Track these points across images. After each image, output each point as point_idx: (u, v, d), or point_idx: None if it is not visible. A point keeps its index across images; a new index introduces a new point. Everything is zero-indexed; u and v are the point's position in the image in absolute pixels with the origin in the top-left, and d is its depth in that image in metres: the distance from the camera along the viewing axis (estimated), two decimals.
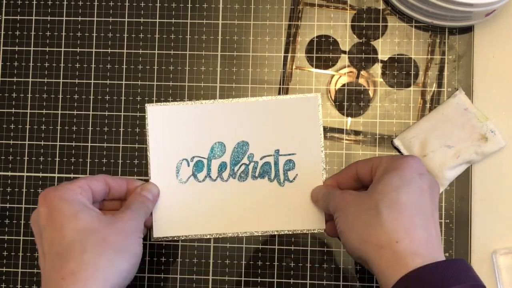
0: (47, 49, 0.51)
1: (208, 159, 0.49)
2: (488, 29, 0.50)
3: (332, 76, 0.50)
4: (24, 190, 0.51)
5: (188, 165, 0.49)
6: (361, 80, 0.50)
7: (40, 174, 0.51)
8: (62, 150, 0.51)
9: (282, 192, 0.49)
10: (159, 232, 0.49)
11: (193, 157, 0.49)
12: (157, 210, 0.49)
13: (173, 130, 0.50)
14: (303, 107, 0.49)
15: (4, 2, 0.52)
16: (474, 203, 0.49)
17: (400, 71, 0.50)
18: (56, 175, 0.50)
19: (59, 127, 0.51)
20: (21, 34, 0.52)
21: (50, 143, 0.51)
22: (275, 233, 0.49)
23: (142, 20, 0.51)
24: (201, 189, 0.49)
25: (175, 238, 0.49)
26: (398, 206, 0.38)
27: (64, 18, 0.52)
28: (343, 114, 0.50)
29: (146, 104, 0.50)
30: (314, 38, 0.50)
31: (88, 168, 0.50)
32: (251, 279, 0.49)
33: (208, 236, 0.49)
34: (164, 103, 0.50)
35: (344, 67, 0.50)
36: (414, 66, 0.50)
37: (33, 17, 0.52)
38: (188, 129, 0.50)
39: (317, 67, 0.50)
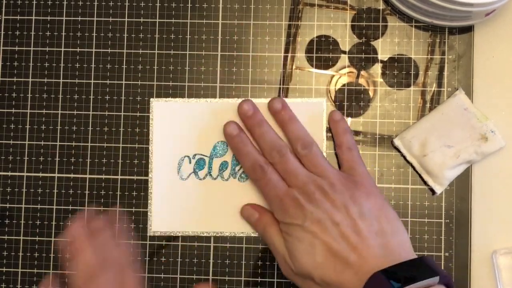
0: (47, 49, 0.51)
1: (209, 158, 0.49)
2: (488, 29, 0.50)
3: (332, 76, 0.50)
4: (24, 190, 0.51)
5: (190, 162, 0.49)
6: (361, 80, 0.50)
7: (40, 174, 0.51)
8: (62, 150, 0.51)
9: None
10: (157, 226, 0.49)
11: (195, 155, 0.49)
12: (157, 204, 0.49)
13: (177, 126, 0.49)
14: (307, 112, 0.49)
15: (4, 2, 0.52)
16: (474, 203, 0.49)
17: (400, 71, 0.50)
18: (56, 175, 0.50)
19: (59, 127, 0.51)
20: (21, 34, 0.52)
21: (50, 143, 0.51)
22: None
23: (142, 20, 0.51)
24: (201, 186, 0.49)
25: (172, 234, 0.49)
26: None
27: (64, 18, 0.52)
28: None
29: (151, 99, 0.50)
30: (314, 38, 0.50)
31: (88, 168, 0.50)
32: (251, 279, 0.49)
33: (206, 234, 0.49)
34: (169, 98, 0.50)
35: (344, 67, 0.50)
36: (414, 66, 0.50)
37: (33, 17, 0.52)
38: (192, 126, 0.49)
39: (317, 67, 0.50)
